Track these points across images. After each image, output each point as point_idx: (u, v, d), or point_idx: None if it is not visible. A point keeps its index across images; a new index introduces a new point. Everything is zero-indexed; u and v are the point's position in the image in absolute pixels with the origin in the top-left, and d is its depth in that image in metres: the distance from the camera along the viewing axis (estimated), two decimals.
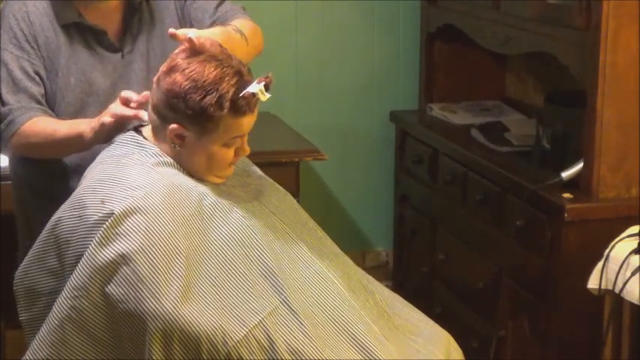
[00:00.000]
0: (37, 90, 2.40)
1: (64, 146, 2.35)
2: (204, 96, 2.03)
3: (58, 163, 2.45)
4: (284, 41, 4.04)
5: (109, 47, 2.45)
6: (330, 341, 2.04)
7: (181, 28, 2.50)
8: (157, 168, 2.11)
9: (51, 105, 2.42)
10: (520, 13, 3.19)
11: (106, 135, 2.23)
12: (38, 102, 2.40)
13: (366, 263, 4.18)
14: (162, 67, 2.10)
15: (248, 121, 2.10)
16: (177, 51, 2.11)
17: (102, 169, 2.13)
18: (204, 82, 2.04)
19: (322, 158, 3.49)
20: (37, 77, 2.40)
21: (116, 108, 2.21)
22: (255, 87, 2.05)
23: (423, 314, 2.30)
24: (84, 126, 2.29)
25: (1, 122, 2.38)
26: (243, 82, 2.06)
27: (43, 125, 2.36)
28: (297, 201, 2.39)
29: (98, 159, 2.21)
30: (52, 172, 2.46)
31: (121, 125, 2.23)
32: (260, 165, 2.39)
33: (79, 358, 2.01)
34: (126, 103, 2.22)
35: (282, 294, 2.04)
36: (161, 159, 2.13)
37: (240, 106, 2.05)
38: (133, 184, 2.05)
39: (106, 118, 2.21)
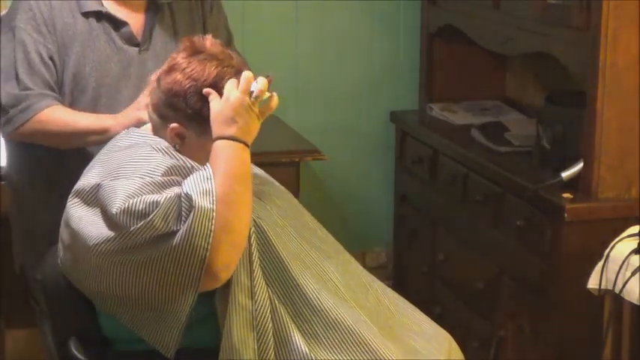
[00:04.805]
0: (50, 76, 2.41)
1: (84, 137, 2.36)
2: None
3: (67, 152, 2.45)
4: (284, 41, 4.04)
5: (128, 39, 2.46)
6: (329, 340, 2.04)
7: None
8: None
9: (61, 91, 2.43)
10: (520, 13, 3.19)
11: None
12: (51, 88, 2.41)
13: (366, 263, 4.17)
14: (163, 67, 2.10)
15: None
16: (177, 50, 2.11)
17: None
18: (205, 81, 2.04)
19: (322, 158, 3.49)
20: (50, 63, 2.42)
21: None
22: (255, 86, 2.05)
23: (423, 314, 2.30)
24: (109, 121, 2.32)
25: (15, 106, 2.39)
26: None
27: (59, 114, 2.38)
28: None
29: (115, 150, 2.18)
30: (60, 161, 2.46)
31: None
32: (260, 165, 2.39)
33: None
34: None
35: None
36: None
37: None
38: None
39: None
